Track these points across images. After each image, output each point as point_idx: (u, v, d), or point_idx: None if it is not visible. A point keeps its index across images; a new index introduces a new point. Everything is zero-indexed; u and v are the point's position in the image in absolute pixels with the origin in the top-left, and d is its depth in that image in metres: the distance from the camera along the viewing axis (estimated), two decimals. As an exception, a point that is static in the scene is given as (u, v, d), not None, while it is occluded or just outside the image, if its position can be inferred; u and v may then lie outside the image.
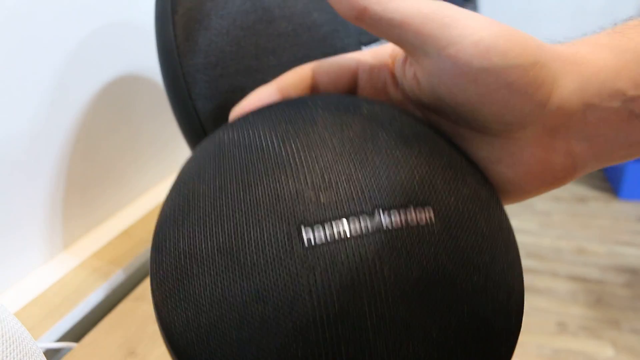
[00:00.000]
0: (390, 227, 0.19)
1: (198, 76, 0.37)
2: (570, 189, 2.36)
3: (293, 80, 0.27)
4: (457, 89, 0.21)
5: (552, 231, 2.05)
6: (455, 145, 0.24)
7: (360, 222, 0.19)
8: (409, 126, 0.23)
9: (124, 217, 0.52)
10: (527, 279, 1.76)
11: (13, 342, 0.22)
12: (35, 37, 0.41)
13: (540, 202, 2.25)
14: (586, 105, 0.22)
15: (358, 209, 0.19)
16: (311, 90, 0.27)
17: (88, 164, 0.48)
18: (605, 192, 2.31)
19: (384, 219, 0.19)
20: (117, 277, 0.44)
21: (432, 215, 0.20)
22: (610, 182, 2.35)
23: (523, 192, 0.25)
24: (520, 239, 2.00)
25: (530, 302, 1.67)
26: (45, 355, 0.22)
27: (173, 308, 0.20)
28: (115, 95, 0.50)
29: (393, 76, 0.26)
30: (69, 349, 0.35)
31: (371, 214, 0.19)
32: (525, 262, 1.86)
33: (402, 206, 0.19)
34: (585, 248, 1.93)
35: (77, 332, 0.38)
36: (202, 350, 0.20)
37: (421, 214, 0.20)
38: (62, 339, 0.37)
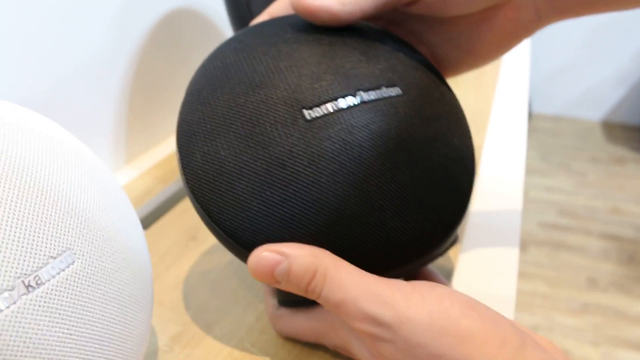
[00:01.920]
0: (369, 99, 0.26)
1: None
2: (609, 150, 2.31)
3: (281, 7, 0.32)
4: None
5: (587, 191, 2.02)
6: (410, 45, 0.31)
7: (346, 100, 0.25)
8: (375, 32, 0.30)
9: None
10: (559, 236, 1.76)
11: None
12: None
13: (576, 163, 2.22)
14: None
15: (345, 92, 0.26)
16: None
17: (147, 90, 0.52)
18: (645, 153, 2.25)
19: (364, 95, 0.26)
20: (176, 181, 0.48)
21: (399, 91, 0.27)
22: (651, 143, 2.29)
23: (500, 47, 0.32)
24: (554, 197, 1.99)
25: (561, 258, 1.67)
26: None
27: (208, 188, 0.26)
28: (171, 30, 0.54)
29: None
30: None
31: (354, 95, 0.26)
32: (558, 220, 1.85)
33: (376, 87, 0.26)
34: (620, 208, 1.91)
35: (144, 224, 0.43)
36: (239, 211, 0.25)
37: (391, 91, 0.27)
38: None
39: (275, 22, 0.30)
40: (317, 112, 0.25)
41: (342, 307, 0.23)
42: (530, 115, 2.62)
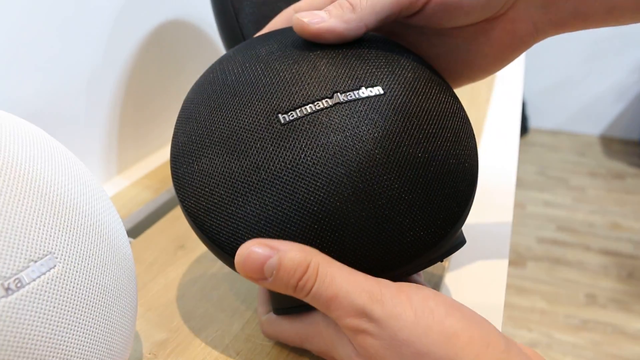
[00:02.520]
0: (345, 100, 0.26)
1: (244, 3, 0.40)
2: (608, 165, 2.31)
3: (281, 23, 0.32)
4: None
5: (586, 206, 2.02)
6: (404, 47, 0.31)
7: (322, 102, 0.26)
8: (370, 37, 0.30)
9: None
10: (558, 252, 1.76)
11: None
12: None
13: (575, 178, 2.22)
14: None
15: (321, 95, 0.26)
16: None
17: (139, 102, 0.53)
18: (643, 169, 2.25)
19: (341, 97, 0.26)
20: (167, 191, 0.48)
21: (381, 90, 0.26)
22: (650, 159, 2.29)
23: (499, 60, 0.33)
24: (553, 212, 1.99)
25: (560, 274, 1.66)
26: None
27: (190, 187, 0.26)
28: (164, 41, 0.54)
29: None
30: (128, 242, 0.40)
31: (331, 97, 0.26)
32: (556, 235, 1.84)
33: (355, 88, 0.26)
34: (619, 223, 1.90)
35: (134, 232, 0.43)
36: (218, 215, 0.26)
37: (371, 90, 0.26)
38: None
39: (266, 35, 0.30)
40: (292, 115, 0.25)
41: (333, 302, 0.23)
42: (527, 130, 2.63)
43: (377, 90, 0.27)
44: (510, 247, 1.75)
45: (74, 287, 0.22)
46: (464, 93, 0.70)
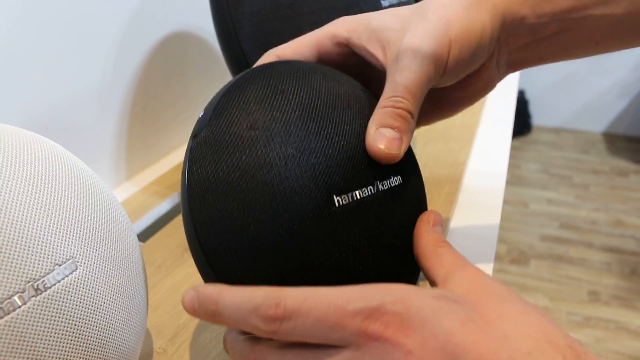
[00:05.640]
0: (380, 189, 0.27)
1: (244, 22, 0.43)
2: (611, 162, 2.32)
3: (291, 51, 0.32)
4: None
5: (588, 204, 2.03)
6: None
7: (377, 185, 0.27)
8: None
9: (178, 155, 0.60)
10: (561, 249, 1.77)
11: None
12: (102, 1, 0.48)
13: (578, 175, 2.23)
14: (506, 32, 0.31)
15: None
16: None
17: (146, 112, 0.56)
18: (647, 166, 2.26)
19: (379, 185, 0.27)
20: (173, 197, 0.51)
21: (400, 180, 0.28)
22: (653, 156, 2.29)
23: (470, 101, 0.35)
24: (556, 210, 2.00)
25: (562, 271, 1.68)
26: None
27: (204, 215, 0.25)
28: (169, 52, 0.57)
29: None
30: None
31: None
32: (559, 233, 1.86)
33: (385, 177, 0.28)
34: (622, 221, 1.91)
35: (143, 236, 0.46)
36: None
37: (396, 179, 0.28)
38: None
39: (287, 98, 0.28)
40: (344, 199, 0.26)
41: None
42: (530, 128, 2.64)
43: (399, 179, 0.28)
44: (513, 245, 1.77)
45: (92, 288, 0.25)
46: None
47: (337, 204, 0.25)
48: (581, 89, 2.56)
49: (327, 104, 0.28)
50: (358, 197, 0.26)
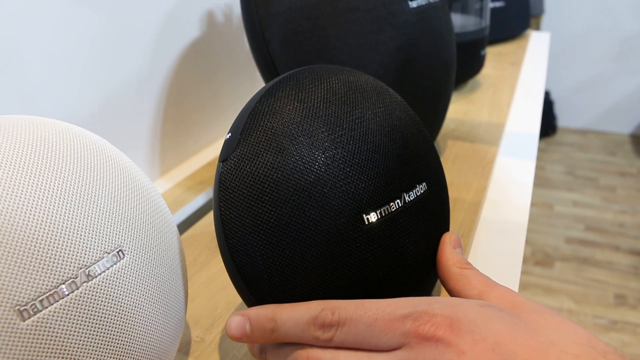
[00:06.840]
0: (412, 198, 0.29)
1: (270, 22, 0.44)
2: (638, 164, 2.27)
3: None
4: None
5: (615, 206, 1.99)
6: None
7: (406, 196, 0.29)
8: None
9: (209, 153, 0.61)
10: (587, 252, 1.74)
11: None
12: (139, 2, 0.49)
13: (604, 177, 2.19)
14: None
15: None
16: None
17: (180, 109, 0.57)
18: (677, 168, 2.20)
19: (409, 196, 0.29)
20: (206, 193, 0.52)
21: (425, 187, 0.30)
22: (684, 157, 2.24)
23: None
24: (582, 212, 1.97)
25: (588, 274, 1.65)
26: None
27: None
28: (202, 52, 0.59)
29: None
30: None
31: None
32: (585, 235, 1.83)
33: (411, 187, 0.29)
34: (650, 223, 1.88)
35: (179, 230, 0.47)
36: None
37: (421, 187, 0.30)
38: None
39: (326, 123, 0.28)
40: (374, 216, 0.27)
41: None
42: (556, 129, 2.60)
43: (424, 187, 0.30)
44: (538, 247, 1.75)
45: (138, 276, 0.26)
46: (486, 97, 0.73)
47: (366, 222, 0.27)
48: (608, 90, 2.51)
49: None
50: (386, 212, 0.27)
